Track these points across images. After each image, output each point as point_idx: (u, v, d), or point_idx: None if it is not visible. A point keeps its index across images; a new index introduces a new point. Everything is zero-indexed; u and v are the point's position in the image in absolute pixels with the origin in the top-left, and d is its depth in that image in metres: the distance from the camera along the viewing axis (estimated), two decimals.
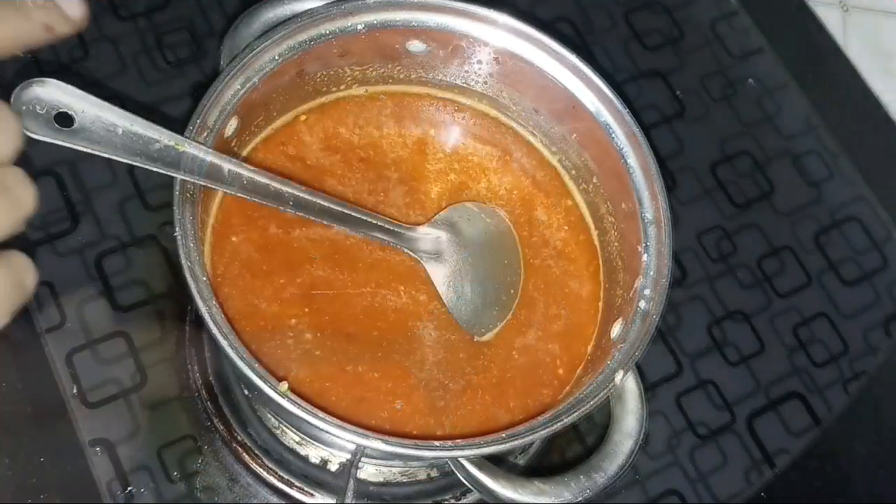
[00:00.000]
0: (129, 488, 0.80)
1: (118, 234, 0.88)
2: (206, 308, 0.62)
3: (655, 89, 1.07)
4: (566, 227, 0.81)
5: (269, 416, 0.83)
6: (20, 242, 0.54)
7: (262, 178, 0.65)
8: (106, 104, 0.57)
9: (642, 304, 0.70)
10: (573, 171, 0.81)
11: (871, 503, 0.95)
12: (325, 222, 0.69)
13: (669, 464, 0.91)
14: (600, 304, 0.78)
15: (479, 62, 0.79)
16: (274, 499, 0.83)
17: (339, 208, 0.70)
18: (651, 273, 0.71)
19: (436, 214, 0.79)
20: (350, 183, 0.78)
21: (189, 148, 0.61)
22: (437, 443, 0.62)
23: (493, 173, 0.82)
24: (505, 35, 0.76)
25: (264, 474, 0.83)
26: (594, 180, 0.79)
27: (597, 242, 0.80)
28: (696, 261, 1.00)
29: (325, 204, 0.69)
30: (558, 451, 0.90)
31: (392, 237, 0.74)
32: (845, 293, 1.02)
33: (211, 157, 0.63)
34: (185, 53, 0.97)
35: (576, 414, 0.64)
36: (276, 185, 0.66)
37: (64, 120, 0.56)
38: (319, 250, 0.75)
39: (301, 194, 0.67)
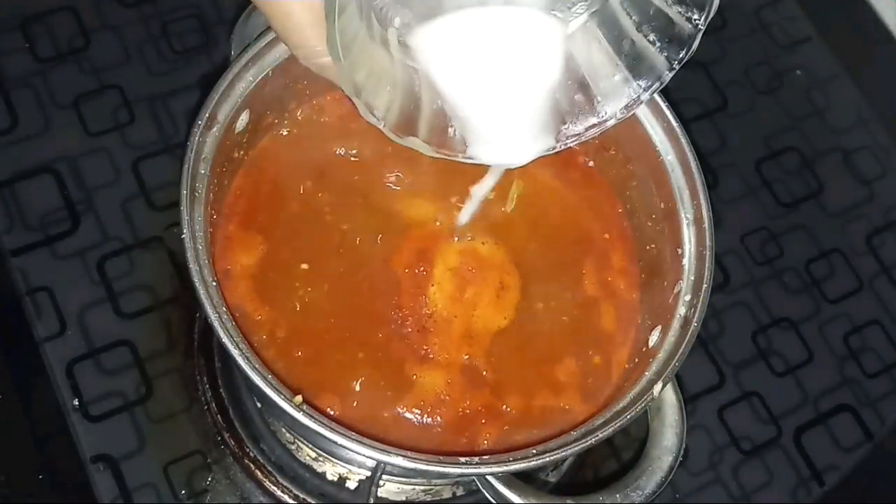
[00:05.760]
0: None
1: (121, 235, 0.88)
2: (216, 315, 0.61)
3: (696, 81, 1.07)
4: (606, 235, 0.80)
5: (283, 430, 0.82)
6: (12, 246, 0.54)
7: None
8: None
9: (682, 309, 0.70)
10: (612, 172, 0.81)
11: None
12: None
13: (711, 481, 0.91)
14: (638, 310, 0.78)
15: None
16: None
17: None
18: (691, 277, 0.71)
19: None
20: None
21: None
22: (462, 459, 0.62)
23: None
24: None
25: (278, 492, 0.83)
26: (633, 183, 0.79)
27: (635, 245, 0.80)
28: (740, 264, 0.99)
29: None
30: (592, 467, 0.89)
31: None
32: None
33: None
34: (194, 42, 0.97)
35: (610, 428, 0.64)
36: None
37: None
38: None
39: None
